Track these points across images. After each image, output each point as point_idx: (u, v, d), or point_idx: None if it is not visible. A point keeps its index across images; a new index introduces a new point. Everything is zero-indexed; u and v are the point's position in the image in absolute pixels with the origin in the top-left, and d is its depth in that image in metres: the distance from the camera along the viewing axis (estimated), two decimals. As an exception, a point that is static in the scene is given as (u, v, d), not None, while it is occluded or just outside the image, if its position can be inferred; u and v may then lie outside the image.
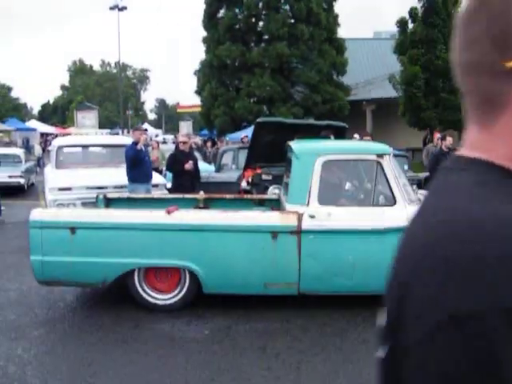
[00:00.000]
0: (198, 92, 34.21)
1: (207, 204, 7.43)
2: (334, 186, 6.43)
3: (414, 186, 6.82)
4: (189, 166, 9.49)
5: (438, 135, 13.04)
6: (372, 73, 35.16)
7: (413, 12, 24.73)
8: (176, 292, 6.16)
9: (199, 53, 70.99)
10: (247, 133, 18.83)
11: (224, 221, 5.91)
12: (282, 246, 5.85)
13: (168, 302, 6.15)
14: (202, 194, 7.58)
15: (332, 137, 9.16)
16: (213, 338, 5.43)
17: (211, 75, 30.51)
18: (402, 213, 5.92)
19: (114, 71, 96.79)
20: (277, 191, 8.67)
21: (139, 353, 5.10)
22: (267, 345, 5.27)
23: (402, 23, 25.23)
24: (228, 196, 7.72)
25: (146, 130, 16.67)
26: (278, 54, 27.71)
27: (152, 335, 5.52)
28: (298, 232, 5.83)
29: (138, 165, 9.50)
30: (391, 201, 6.01)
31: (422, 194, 6.81)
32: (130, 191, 9.11)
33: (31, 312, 6.17)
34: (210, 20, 30.83)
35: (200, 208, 7.25)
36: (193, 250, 5.92)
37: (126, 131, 47.16)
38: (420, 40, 24.26)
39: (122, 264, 5.95)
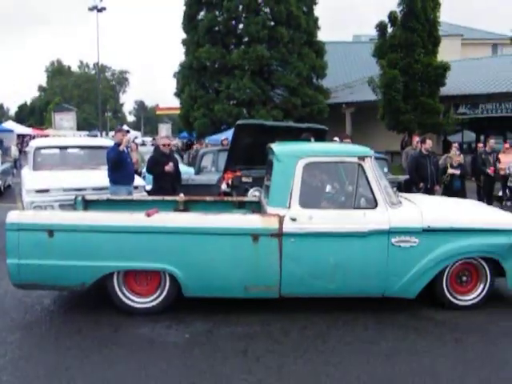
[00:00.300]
0: (178, 94, 34.11)
1: (187, 206, 7.38)
2: (315, 189, 6.41)
3: (394, 189, 6.82)
4: (169, 168, 9.41)
5: (417, 138, 13.10)
6: (351, 76, 35.41)
7: (392, 16, 24.94)
8: (156, 295, 6.08)
9: (179, 55, 70.82)
10: (227, 135, 18.81)
11: (204, 223, 5.85)
12: (262, 249, 5.81)
13: (148, 305, 6.08)
14: (181, 197, 7.53)
15: (312, 139, 9.16)
16: (193, 342, 5.37)
17: (191, 77, 30.43)
18: (383, 215, 5.93)
19: (93, 72, 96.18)
20: (257, 194, 8.66)
21: (118, 357, 5.03)
22: (248, 348, 5.23)
23: (381, 27, 25.43)
24: (208, 198, 7.67)
25: (128, 131, 16.61)
26: (257, 56, 27.71)
27: (131, 339, 5.44)
28: (279, 235, 5.80)
29: (120, 166, 9.40)
30: (372, 203, 6.01)
31: (402, 196, 6.83)
32: (112, 193, 9.02)
33: (7, 316, 6.05)
34: (189, 22, 30.77)
35: (180, 210, 7.19)
36: (173, 253, 5.85)
37: (104, 133, 46.83)
38: (399, 44, 24.49)
39: (101, 267, 5.86)
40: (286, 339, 5.47)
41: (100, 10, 44.03)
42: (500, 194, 15.05)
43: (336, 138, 12.76)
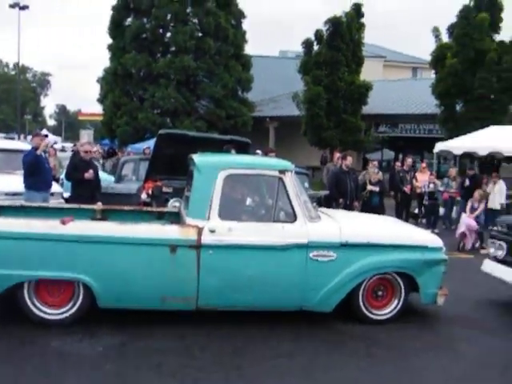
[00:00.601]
0: (101, 100, 33.43)
1: (105, 215, 7.19)
2: (235, 201, 6.39)
3: (314, 204, 6.91)
4: (89, 175, 9.16)
5: (338, 154, 13.36)
6: (276, 90, 35.77)
7: (318, 34, 25.50)
8: (69, 306, 5.86)
9: (104, 60, 69.70)
10: (150, 144, 18.55)
11: (121, 233, 5.71)
12: (180, 261, 5.73)
13: (60, 316, 5.84)
14: (99, 205, 7.33)
15: (233, 151, 9.15)
16: (106, 356, 5.19)
17: (115, 84, 29.91)
18: (302, 229, 5.98)
19: (13, 73, 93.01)
20: (177, 204, 8.55)
21: (27, 372, 4.80)
22: (163, 363, 5.11)
23: (307, 44, 25.95)
24: (126, 208, 7.51)
25: (46, 135, 16.06)
26: (184, 66, 27.57)
27: (41, 353, 5.21)
28: (198, 246, 5.74)
29: (36, 172, 9.08)
30: (292, 217, 6.04)
31: (321, 211, 6.91)
32: (26, 199, 8.68)
33: None
34: (116, 27, 30.26)
35: (97, 219, 7.00)
36: (88, 263, 5.67)
37: (22, 136, 45.31)
38: (324, 61, 25.05)
39: (11, 276, 5.60)
40: (202, 354, 5.38)
41: (22, 8, 42.61)
42: (416, 211, 15.58)
43: (258, 151, 12.83)
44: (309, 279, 6.01)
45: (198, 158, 6.34)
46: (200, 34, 29.02)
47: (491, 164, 19.55)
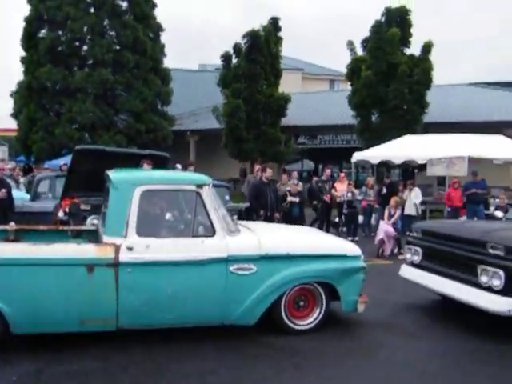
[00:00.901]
0: (15, 115, 32.29)
1: (19, 236, 6.92)
2: (153, 217, 6.29)
3: (235, 217, 6.91)
4: (1, 194, 8.85)
5: (257, 166, 13.46)
6: (197, 104, 35.73)
7: (237, 47, 25.70)
8: (-22, 335, 5.58)
9: (17, 73, 67.62)
10: (67, 160, 18.08)
11: (34, 254, 5.50)
12: (98, 280, 5.58)
13: (-31, 346, 5.56)
14: (12, 225, 7.05)
15: (147, 166, 9.00)
16: (20, 384, 4.98)
17: (29, 98, 28.96)
18: (221, 243, 5.96)
19: None
20: (95, 222, 8.34)
21: None
22: (82, 386, 4.96)
23: (226, 57, 26.10)
24: (42, 227, 7.26)
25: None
26: (102, 80, 27.08)
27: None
28: (116, 265, 5.61)
29: None
30: (210, 231, 6.02)
31: (241, 224, 6.92)
32: None
33: None
34: (29, 39, 29.32)
35: (10, 240, 6.72)
36: (-1, 287, 5.42)
37: None
38: (243, 74, 25.28)
39: None
40: (123, 375, 5.25)
41: None
42: (336, 220, 15.89)
43: (178, 165, 12.74)
44: (230, 293, 5.99)
45: (113, 175, 6.22)
46: (118, 47, 28.60)
47: (412, 172, 20.34)
